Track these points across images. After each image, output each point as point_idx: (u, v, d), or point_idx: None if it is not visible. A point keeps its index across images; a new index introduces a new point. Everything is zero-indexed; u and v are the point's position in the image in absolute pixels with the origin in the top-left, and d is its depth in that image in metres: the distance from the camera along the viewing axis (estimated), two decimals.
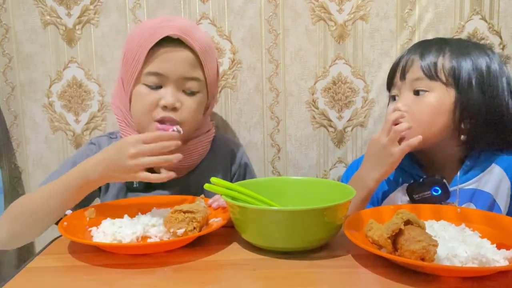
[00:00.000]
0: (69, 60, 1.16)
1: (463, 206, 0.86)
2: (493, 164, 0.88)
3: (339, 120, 1.17)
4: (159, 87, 0.88)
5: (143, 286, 0.62)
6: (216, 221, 0.78)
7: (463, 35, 1.11)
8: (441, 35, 1.10)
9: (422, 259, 0.59)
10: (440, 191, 0.85)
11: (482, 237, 0.70)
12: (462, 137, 0.87)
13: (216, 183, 0.76)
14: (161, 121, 0.87)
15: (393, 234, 0.63)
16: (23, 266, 0.69)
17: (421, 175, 0.91)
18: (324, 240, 0.72)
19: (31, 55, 1.16)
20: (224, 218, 0.77)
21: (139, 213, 0.84)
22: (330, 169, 1.19)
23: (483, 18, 1.11)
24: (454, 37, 1.11)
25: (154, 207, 0.86)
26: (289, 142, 1.18)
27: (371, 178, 0.85)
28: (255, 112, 1.17)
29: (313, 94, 1.16)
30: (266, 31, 1.14)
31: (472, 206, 0.87)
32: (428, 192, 0.85)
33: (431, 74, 0.86)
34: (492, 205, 0.87)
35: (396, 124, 0.87)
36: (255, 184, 0.83)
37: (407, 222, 0.64)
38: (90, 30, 1.14)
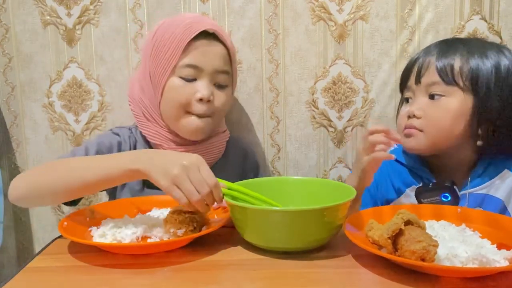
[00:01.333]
0: (69, 60, 1.16)
1: None
2: (506, 170, 0.86)
3: (339, 120, 1.16)
4: (193, 79, 0.90)
5: (143, 286, 0.62)
6: (216, 221, 0.78)
7: (463, 35, 1.11)
8: (441, 35, 1.10)
9: (422, 260, 0.59)
10: (450, 197, 0.83)
11: (482, 237, 0.70)
12: (479, 142, 0.85)
13: None
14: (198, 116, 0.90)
15: (393, 234, 0.63)
16: (23, 266, 0.69)
17: (430, 178, 0.90)
18: (324, 240, 0.72)
19: (31, 55, 1.16)
20: (224, 218, 0.77)
21: (139, 213, 0.84)
22: (330, 169, 1.19)
23: (483, 18, 1.11)
24: (472, 37, 1.08)
25: (154, 207, 0.86)
26: (289, 142, 1.18)
27: (355, 182, 0.84)
28: (255, 112, 1.17)
29: (313, 94, 1.15)
30: (266, 31, 1.13)
31: None
32: (437, 198, 0.83)
33: (448, 79, 0.83)
34: (502, 211, 0.85)
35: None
36: (255, 184, 0.83)
37: (408, 222, 0.64)
38: (90, 30, 1.14)
